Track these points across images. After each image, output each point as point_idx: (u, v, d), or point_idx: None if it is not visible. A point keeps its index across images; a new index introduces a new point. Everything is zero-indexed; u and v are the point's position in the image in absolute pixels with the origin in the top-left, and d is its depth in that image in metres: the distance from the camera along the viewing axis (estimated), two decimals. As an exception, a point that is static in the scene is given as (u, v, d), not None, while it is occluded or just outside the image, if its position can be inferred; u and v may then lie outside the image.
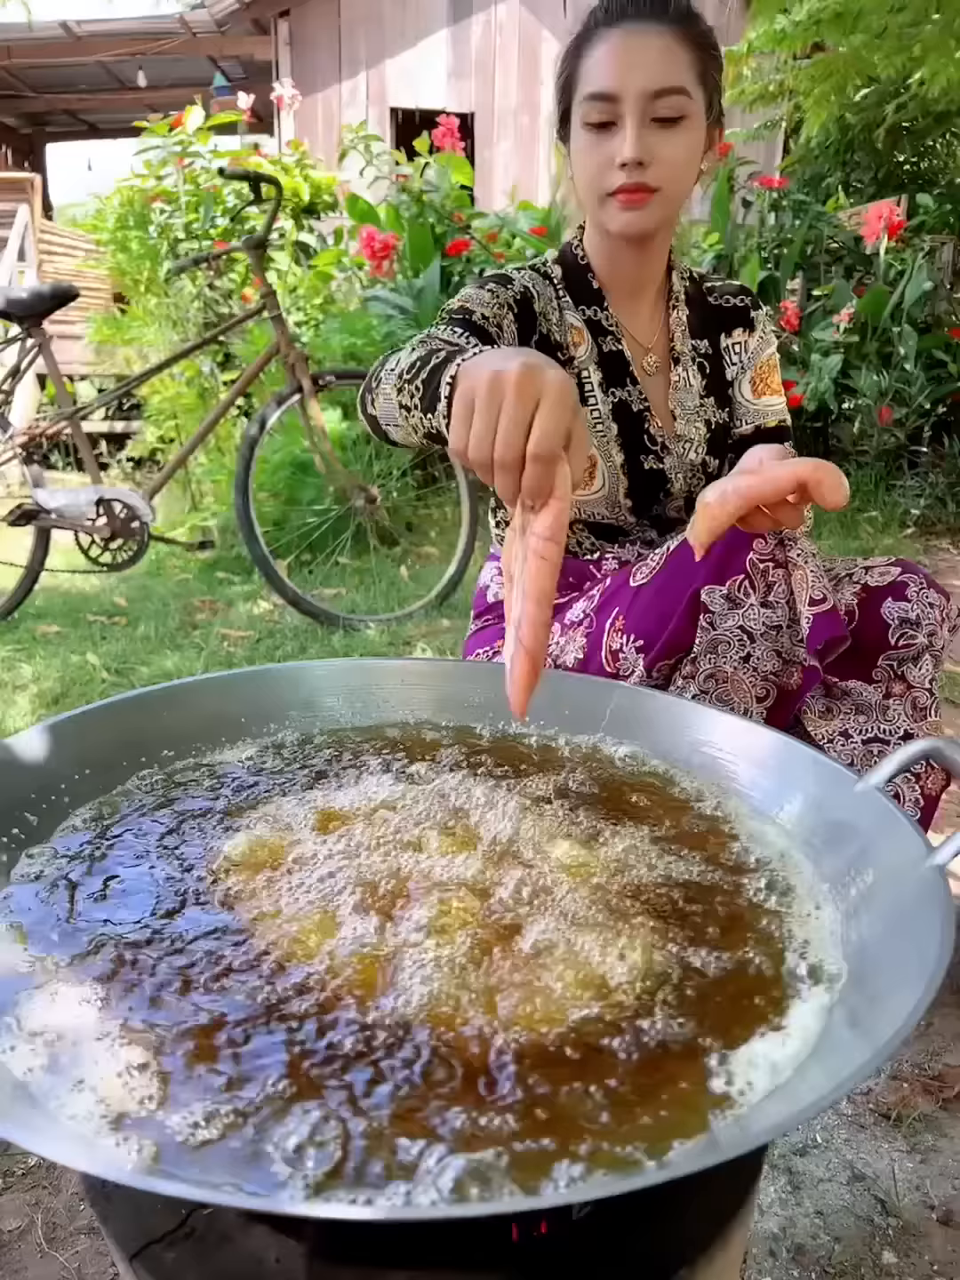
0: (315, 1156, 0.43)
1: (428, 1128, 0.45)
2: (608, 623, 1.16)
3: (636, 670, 1.11)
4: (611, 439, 1.27)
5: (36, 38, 8.16)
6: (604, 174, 1.15)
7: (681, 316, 1.33)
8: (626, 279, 1.29)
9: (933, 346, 4.33)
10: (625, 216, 1.16)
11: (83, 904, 0.63)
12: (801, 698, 1.09)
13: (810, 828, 0.71)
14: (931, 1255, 0.94)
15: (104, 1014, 0.52)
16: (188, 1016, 0.52)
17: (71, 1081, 0.47)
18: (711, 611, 1.04)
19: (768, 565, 1.04)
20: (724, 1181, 0.55)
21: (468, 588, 3.21)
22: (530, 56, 7.96)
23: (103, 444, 5.85)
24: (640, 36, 1.10)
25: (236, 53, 8.64)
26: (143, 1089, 0.47)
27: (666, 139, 1.12)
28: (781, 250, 4.66)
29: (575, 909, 0.60)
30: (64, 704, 2.31)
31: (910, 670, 1.12)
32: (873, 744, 1.12)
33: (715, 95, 1.18)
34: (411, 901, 0.61)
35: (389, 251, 4.30)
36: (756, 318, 1.36)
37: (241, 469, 2.87)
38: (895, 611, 1.11)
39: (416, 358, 0.88)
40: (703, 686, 1.07)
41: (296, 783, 0.81)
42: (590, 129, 1.14)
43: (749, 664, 1.05)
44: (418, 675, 0.97)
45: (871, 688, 1.13)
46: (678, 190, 1.17)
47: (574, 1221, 0.49)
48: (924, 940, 0.50)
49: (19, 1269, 0.92)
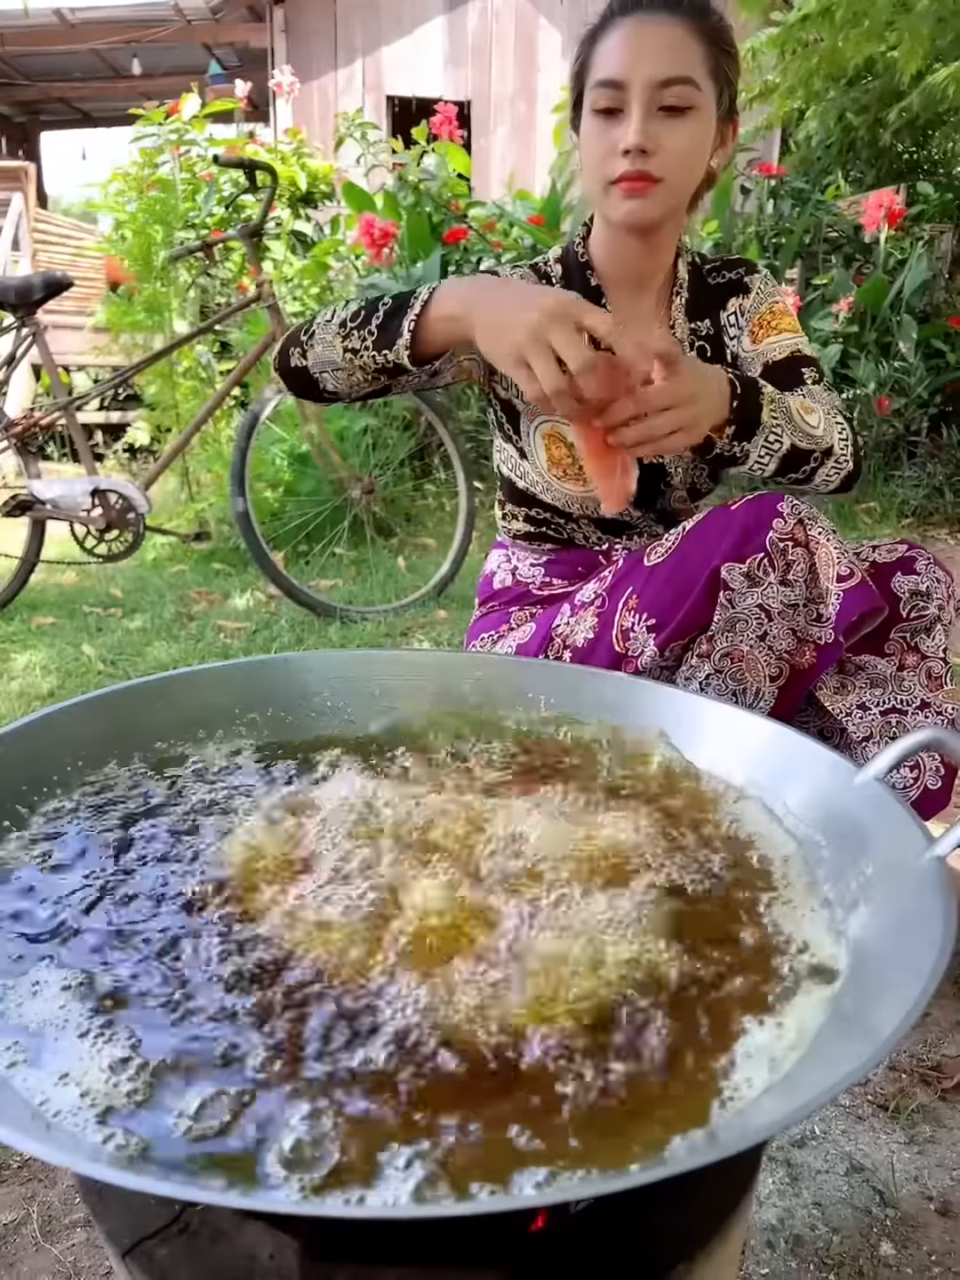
0: (309, 1153, 0.43)
1: (417, 1123, 0.44)
2: (620, 602, 1.15)
3: (646, 651, 1.11)
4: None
5: (30, 25, 8.10)
6: (608, 161, 1.13)
7: (681, 303, 1.30)
8: (630, 273, 1.26)
9: (932, 336, 4.32)
10: (627, 205, 1.14)
11: (69, 896, 0.62)
12: (816, 676, 1.09)
13: (809, 819, 0.71)
14: (929, 1246, 0.94)
15: (88, 1007, 0.52)
16: (180, 1010, 0.52)
17: (55, 1075, 0.47)
18: (731, 589, 1.05)
19: (787, 544, 1.04)
20: (723, 1176, 0.55)
21: (465, 579, 3.20)
22: (527, 43, 7.91)
23: (99, 434, 5.83)
24: (652, 26, 1.09)
25: (231, 40, 8.58)
26: (128, 1084, 0.46)
27: (672, 128, 1.10)
28: (780, 239, 4.64)
29: (571, 901, 0.60)
30: (59, 695, 2.30)
31: (923, 640, 1.13)
32: (890, 715, 1.14)
33: (727, 91, 1.15)
34: (414, 895, 0.60)
35: (388, 239, 4.27)
36: (751, 281, 1.31)
37: (237, 459, 2.86)
38: (906, 584, 1.13)
39: (359, 307, 1.03)
40: (718, 665, 1.07)
41: (295, 776, 0.80)
42: (598, 116, 1.13)
43: (764, 642, 1.05)
44: (417, 666, 0.96)
45: (884, 660, 1.14)
46: (682, 182, 1.15)
47: (572, 1218, 0.49)
48: (924, 932, 0.50)
49: (14, 1262, 0.92)
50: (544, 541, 1.34)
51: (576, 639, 1.19)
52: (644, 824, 0.71)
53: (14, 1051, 0.48)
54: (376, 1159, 0.43)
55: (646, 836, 0.70)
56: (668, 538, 1.16)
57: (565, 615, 1.23)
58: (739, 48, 1.18)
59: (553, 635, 1.23)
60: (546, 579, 1.34)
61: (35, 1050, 0.49)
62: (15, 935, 0.58)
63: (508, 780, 0.78)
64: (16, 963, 0.56)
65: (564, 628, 1.22)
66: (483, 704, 0.92)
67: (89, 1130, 0.43)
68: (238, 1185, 0.41)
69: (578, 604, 1.22)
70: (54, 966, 0.55)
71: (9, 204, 6.72)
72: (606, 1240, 0.50)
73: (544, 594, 1.33)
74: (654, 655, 1.11)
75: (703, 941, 0.59)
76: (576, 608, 1.22)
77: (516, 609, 1.34)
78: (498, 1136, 0.44)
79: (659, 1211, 0.52)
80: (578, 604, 1.22)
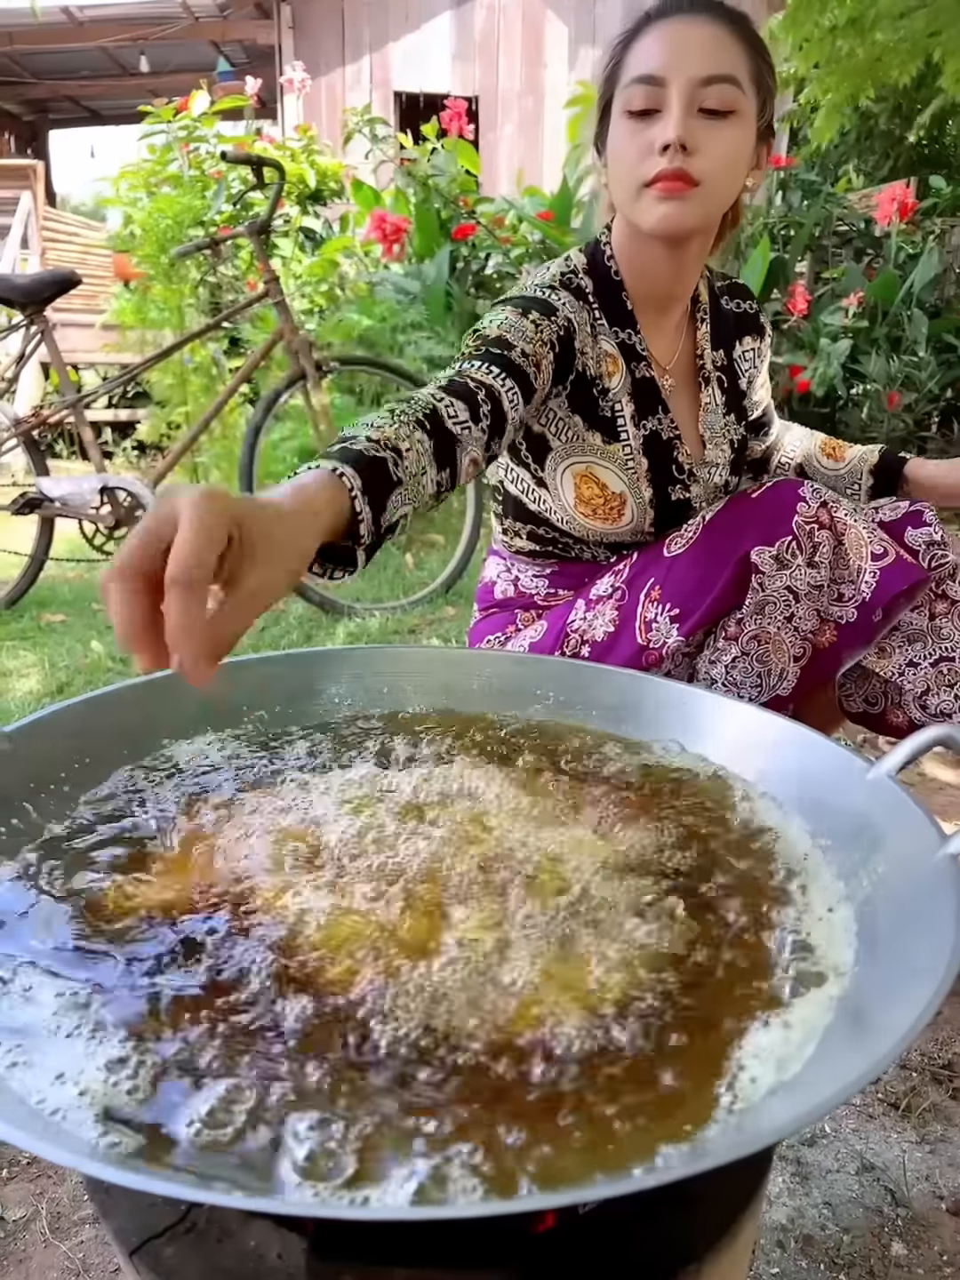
0: (316, 1152, 0.42)
1: (424, 1126, 0.44)
2: (642, 594, 1.15)
3: (669, 641, 1.11)
4: (641, 475, 1.20)
5: (38, 23, 8.10)
6: (643, 161, 1.06)
7: (708, 331, 1.26)
8: (656, 291, 1.20)
9: (943, 331, 4.29)
10: (662, 209, 1.06)
11: (81, 895, 0.62)
12: (839, 654, 1.10)
13: (820, 816, 0.70)
14: (941, 1246, 0.93)
15: (91, 1005, 0.52)
16: (186, 1008, 0.52)
17: (52, 1075, 0.46)
18: (762, 573, 1.05)
19: (813, 527, 1.05)
20: (732, 1177, 0.54)
21: (473, 576, 3.20)
22: (534, 39, 7.89)
23: (108, 432, 5.84)
24: (693, 25, 1.04)
25: (239, 37, 8.57)
26: (128, 1082, 0.46)
27: (714, 130, 1.04)
28: (790, 231, 4.61)
29: (581, 900, 0.59)
30: (68, 692, 2.31)
31: (950, 586, 1.14)
32: (941, 664, 1.15)
33: (769, 103, 1.10)
34: (425, 896, 0.60)
35: (400, 235, 4.26)
36: (762, 321, 1.34)
37: (246, 456, 2.86)
38: (920, 536, 1.14)
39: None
40: (745, 648, 1.08)
41: (301, 769, 0.80)
42: (632, 117, 1.06)
43: (791, 624, 1.06)
44: (426, 662, 0.96)
45: (915, 614, 1.15)
46: (719, 190, 1.08)
47: (580, 1219, 0.49)
48: (938, 931, 0.49)
49: (24, 1258, 0.92)
50: (548, 558, 1.31)
51: (595, 633, 1.18)
52: (651, 818, 0.71)
53: (14, 1053, 0.48)
54: (386, 1159, 0.42)
55: (652, 829, 0.69)
56: (687, 528, 1.16)
57: (580, 610, 1.22)
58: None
59: (568, 631, 1.21)
60: (551, 590, 1.32)
61: (34, 1050, 0.48)
62: (17, 938, 0.58)
63: (509, 767, 0.77)
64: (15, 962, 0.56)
65: (580, 623, 1.20)
66: (484, 698, 0.92)
67: (86, 1128, 0.43)
68: (241, 1184, 0.41)
69: (593, 599, 1.21)
70: (43, 973, 0.55)
71: (18, 202, 6.74)
72: (615, 1241, 0.50)
73: (549, 605, 1.32)
74: (679, 644, 1.11)
75: (709, 936, 0.58)
76: (592, 602, 1.21)
77: (522, 611, 1.33)
78: (501, 1140, 0.43)
79: (668, 1212, 0.52)
80: (593, 599, 1.21)
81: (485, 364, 0.99)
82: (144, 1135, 0.43)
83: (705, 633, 1.12)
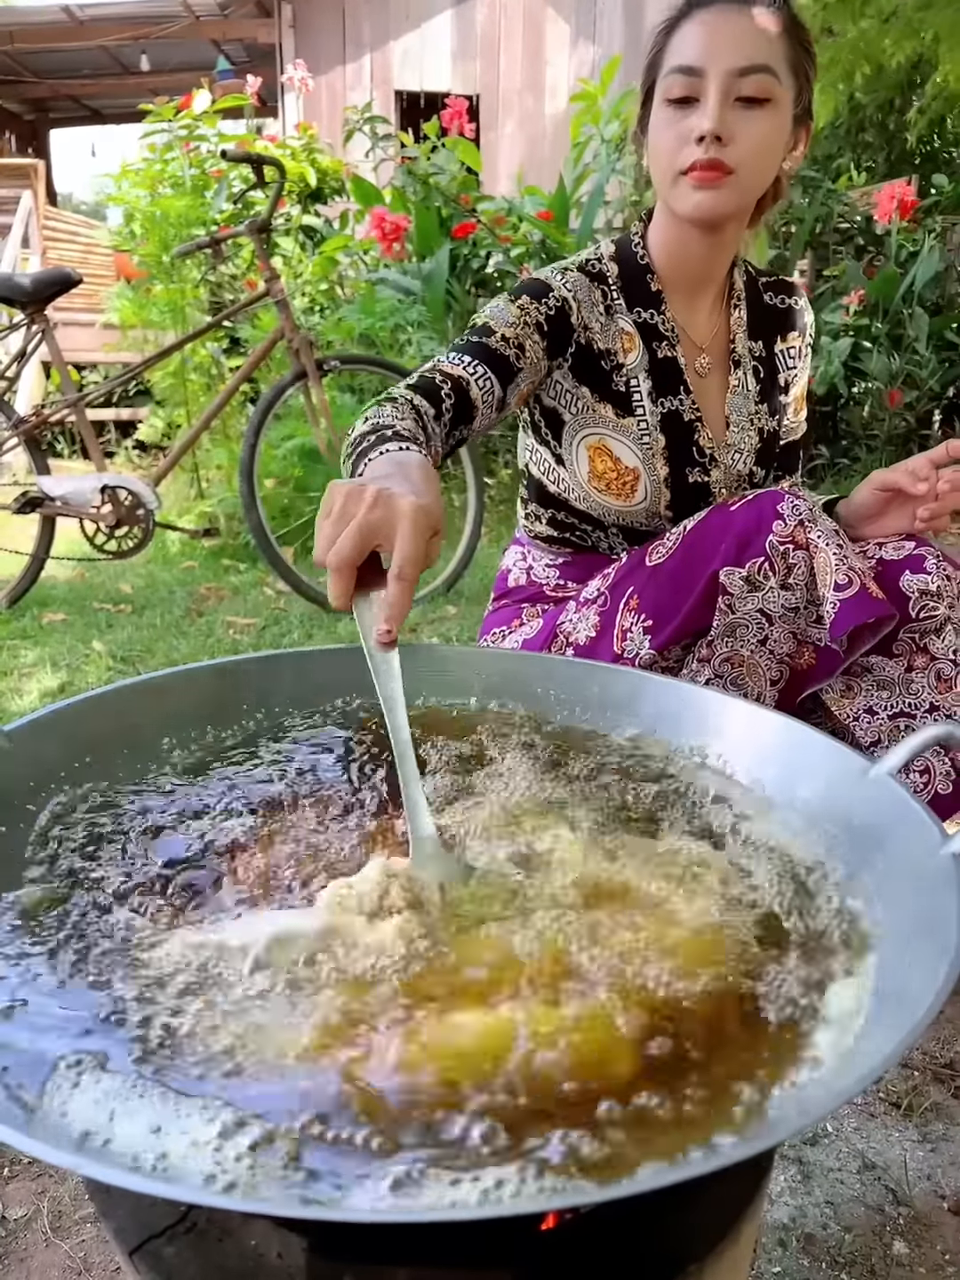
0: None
1: (434, 1126, 0.44)
2: (621, 601, 1.14)
3: (642, 652, 1.10)
4: (658, 451, 1.22)
5: (39, 22, 8.10)
6: (680, 149, 1.09)
7: (742, 316, 1.28)
8: (691, 272, 1.23)
9: (944, 329, 4.28)
10: (697, 197, 1.10)
11: (82, 897, 0.62)
12: (817, 678, 1.07)
13: (821, 815, 0.70)
14: (943, 1245, 0.93)
15: (94, 1008, 0.52)
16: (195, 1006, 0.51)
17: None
18: (730, 594, 1.03)
19: (787, 547, 1.02)
20: (734, 1177, 0.54)
21: (474, 574, 3.20)
22: (535, 37, 7.88)
23: (109, 431, 5.84)
24: (732, 15, 1.07)
25: (239, 36, 8.57)
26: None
27: (749, 119, 1.07)
28: (790, 228, 4.60)
29: (588, 907, 0.59)
30: (69, 691, 2.31)
31: (933, 642, 1.10)
32: (899, 719, 1.11)
33: (806, 90, 1.13)
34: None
35: (400, 233, 4.26)
36: (805, 319, 1.34)
37: (247, 455, 2.86)
38: (915, 584, 1.09)
39: (363, 431, 0.95)
40: (718, 670, 1.06)
41: (302, 772, 0.80)
42: (671, 105, 1.10)
43: (765, 647, 1.04)
44: (430, 659, 0.96)
45: (893, 662, 1.11)
46: (754, 176, 1.11)
47: (582, 1219, 0.48)
48: (940, 930, 0.49)
49: (25, 1257, 0.92)
50: (564, 545, 1.32)
51: (579, 636, 1.19)
52: (650, 820, 0.71)
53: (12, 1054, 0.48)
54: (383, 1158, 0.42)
55: (652, 830, 0.69)
56: (669, 536, 1.15)
57: (570, 612, 1.22)
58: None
59: (557, 631, 1.23)
60: (560, 581, 1.33)
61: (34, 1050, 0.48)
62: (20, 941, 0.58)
63: (502, 768, 0.77)
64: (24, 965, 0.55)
65: (568, 624, 1.21)
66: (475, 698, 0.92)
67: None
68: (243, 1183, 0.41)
69: (582, 601, 1.22)
70: (74, 969, 0.55)
71: (19, 201, 6.74)
72: (618, 1240, 0.50)
73: (556, 595, 1.33)
74: (651, 656, 1.10)
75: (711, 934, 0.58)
76: (580, 604, 1.21)
77: (529, 605, 1.34)
78: (509, 1143, 0.43)
79: (671, 1212, 0.51)
80: (582, 601, 1.22)
81: (460, 354, 1.11)
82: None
83: (684, 648, 1.11)
